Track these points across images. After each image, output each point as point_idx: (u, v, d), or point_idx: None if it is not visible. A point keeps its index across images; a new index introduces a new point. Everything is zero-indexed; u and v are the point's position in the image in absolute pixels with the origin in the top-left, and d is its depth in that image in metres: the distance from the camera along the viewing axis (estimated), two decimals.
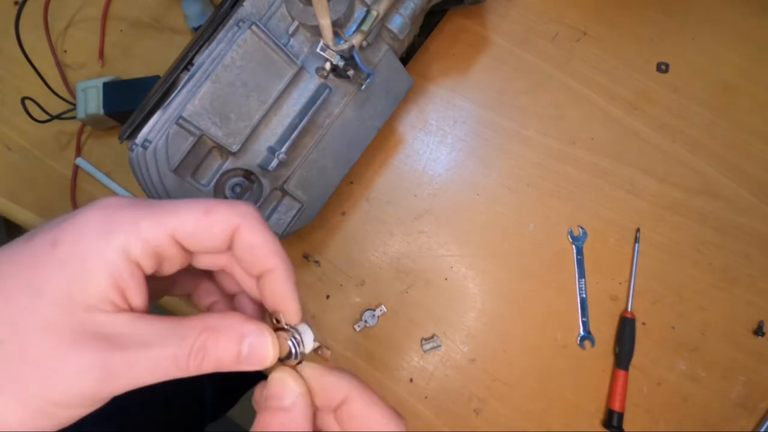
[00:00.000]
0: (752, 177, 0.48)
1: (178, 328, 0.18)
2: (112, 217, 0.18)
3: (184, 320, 0.19)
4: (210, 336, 0.18)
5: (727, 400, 0.45)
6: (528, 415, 0.44)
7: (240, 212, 0.19)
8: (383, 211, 0.47)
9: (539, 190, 0.48)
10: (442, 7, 0.48)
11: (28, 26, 0.44)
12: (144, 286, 0.19)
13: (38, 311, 0.16)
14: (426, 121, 0.49)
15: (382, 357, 0.45)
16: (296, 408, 0.19)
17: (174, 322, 0.18)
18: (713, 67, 0.50)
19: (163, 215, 0.18)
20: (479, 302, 0.46)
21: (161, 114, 0.34)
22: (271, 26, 0.36)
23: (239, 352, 0.18)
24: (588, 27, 0.51)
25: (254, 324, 0.19)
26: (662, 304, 0.46)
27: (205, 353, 0.18)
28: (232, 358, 0.18)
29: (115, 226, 0.18)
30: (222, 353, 0.18)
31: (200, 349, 0.18)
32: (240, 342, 0.18)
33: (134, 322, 0.18)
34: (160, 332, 0.18)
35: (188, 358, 0.18)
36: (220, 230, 0.19)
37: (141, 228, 0.18)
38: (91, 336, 0.17)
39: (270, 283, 0.20)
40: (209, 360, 0.18)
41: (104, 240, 0.17)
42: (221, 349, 0.18)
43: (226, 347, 0.18)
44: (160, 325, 0.18)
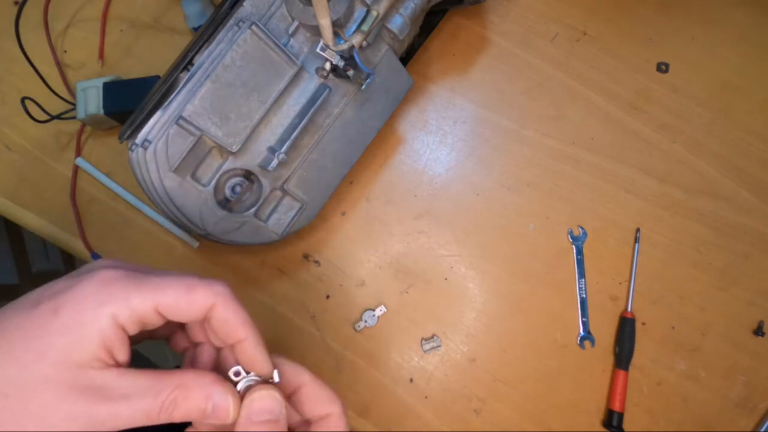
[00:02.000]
0: (752, 177, 0.48)
1: (156, 384, 0.21)
2: (107, 290, 0.21)
3: (161, 375, 0.22)
4: (181, 393, 0.22)
5: (727, 400, 0.45)
6: (528, 415, 0.44)
7: (216, 292, 0.23)
8: (383, 211, 0.47)
9: (539, 190, 0.48)
10: (442, 7, 0.48)
11: (28, 26, 0.44)
12: (128, 345, 0.22)
13: (41, 370, 0.20)
14: (426, 121, 0.49)
15: (382, 357, 0.45)
16: (283, 416, 0.24)
17: (152, 377, 0.22)
18: (713, 67, 0.50)
19: (150, 291, 0.22)
20: (479, 302, 0.46)
21: (161, 114, 0.34)
22: (271, 26, 0.36)
23: (205, 409, 0.22)
24: (588, 27, 0.51)
25: (220, 386, 0.23)
26: (662, 304, 0.46)
27: (175, 407, 0.21)
28: (198, 413, 0.22)
29: (109, 299, 0.21)
30: (190, 408, 0.22)
31: (171, 403, 0.21)
32: (207, 401, 0.22)
33: (119, 377, 0.21)
34: (140, 386, 0.21)
35: (160, 410, 0.21)
36: (198, 307, 0.23)
37: (131, 302, 0.21)
38: (82, 389, 0.20)
39: (243, 350, 0.24)
40: (178, 413, 0.22)
41: (99, 310, 0.21)
42: (190, 405, 0.22)
43: (194, 404, 0.22)
44: (140, 379, 0.21)
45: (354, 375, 0.45)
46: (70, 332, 0.20)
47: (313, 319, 0.46)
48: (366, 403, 0.44)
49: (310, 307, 0.46)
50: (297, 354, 0.45)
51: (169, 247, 0.46)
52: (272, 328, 0.45)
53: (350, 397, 0.44)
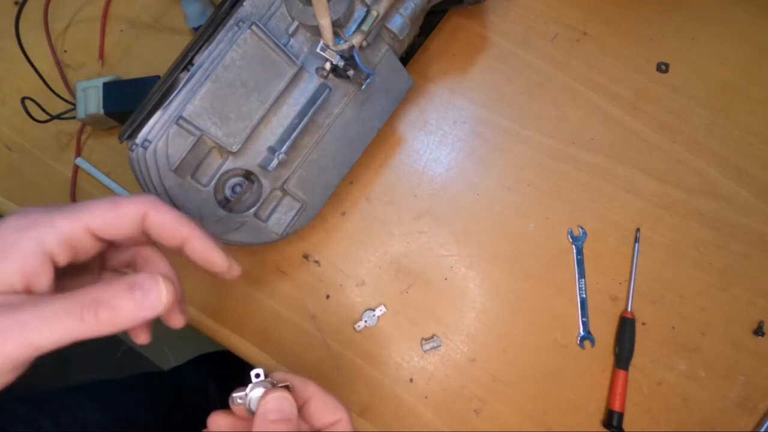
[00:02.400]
0: (752, 177, 0.48)
1: (69, 301, 0.20)
2: (29, 217, 0.21)
3: (77, 292, 0.21)
4: (102, 289, 0.20)
5: (727, 400, 0.45)
6: (528, 415, 0.44)
7: (144, 201, 0.23)
8: (383, 211, 0.47)
9: (539, 190, 0.48)
10: (442, 7, 0.48)
11: (28, 26, 0.44)
12: (51, 275, 0.21)
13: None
14: (426, 121, 0.49)
15: (382, 357, 0.45)
16: (294, 416, 0.25)
17: (68, 296, 0.20)
18: (713, 67, 0.50)
19: (76, 213, 0.21)
20: (479, 302, 0.46)
21: (161, 114, 0.34)
22: (271, 26, 0.36)
23: (133, 298, 0.20)
24: (588, 27, 0.51)
25: (145, 273, 0.21)
26: (662, 304, 0.46)
27: (98, 304, 0.20)
28: (127, 305, 0.20)
29: (33, 224, 0.20)
30: (116, 302, 0.20)
31: (93, 300, 0.20)
32: (132, 289, 0.20)
33: (30, 297, 0.20)
34: (54, 297, 0.20)
35: (81, 310, 0.19)
36: (129, 219, 0.22)
37: (57, 224, 0.20)
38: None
39: (191, 247, 0.24)
40: (104, 311, 0.20)
41: (21, 234, 0.20)
42: (114, 297, 0.20)
43: (119, 296, 0.20)
44: (53, 303, 0.20)
45: (354, 375, 0.45)
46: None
47: (313, 319, 0.46)
48: (366, 403, 0.44)
49: (310, 307, 0.46)
50: (297, 354, 0.45)
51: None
52: (272, 328, 0.45)
53: (350, 397, 0.44)
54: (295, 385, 0.27)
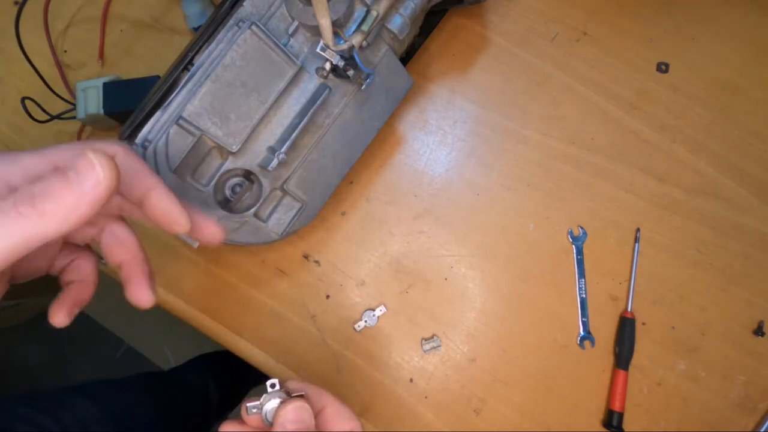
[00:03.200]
0: (752, 177, 0.48)
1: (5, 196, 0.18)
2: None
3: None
4: (33, 183, 0.18)
5: (727, 400, 0.45)
6: (528, 415, 0.44)
7: (112, 146, 0.22)
8: (383, 211, 0.47)
9: (539, 190, 0.48)
10: (442, 7, 0.48)
11: (28, 26, 0.44)
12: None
13: None
14: (426, 121, 0.49)
15: (382, 357, 0.45)
16: (312, 426, 0.25)
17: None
18: (713, 67, 0.50)
19: (43, 150, 0.20)
20: (479, 302, 0.46)
21: (161, 114, 0.34)
22: (271, 26, 0.36)
23: (68, 180, 0.18)
24: (588, 27, 0.51)
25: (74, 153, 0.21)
26: (662, 304, 0.46)
27: (32, 197, 0.18)
28: (65, 189, 0.18)
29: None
30: (51, 189, 0.18)
31: (26, 194, 0.18)
32: (64, 172, 0.18)
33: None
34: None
35: (16, 207, 0.18)
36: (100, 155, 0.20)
37: (20, 159, 0.20)
38: None
39: (155, 201, 0.22)
40: (41, 200, 0.18)
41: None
42: (48, 186, 0.18)
43: (52, 183, 0.18)
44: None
45: (354, 375, 0.45)
46: None
47: (313, 319, 0.46)
48: (366, 403, 0.44)
49: (310, 307, 0.46)
50: (297, 354, 0.45)
51: (169, 247, 0.46)
52: (272, 328, 0.45)
53: (350, 397, 0.44)
54: (309, 394, 0.28)
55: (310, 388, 0.28)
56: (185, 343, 1.23)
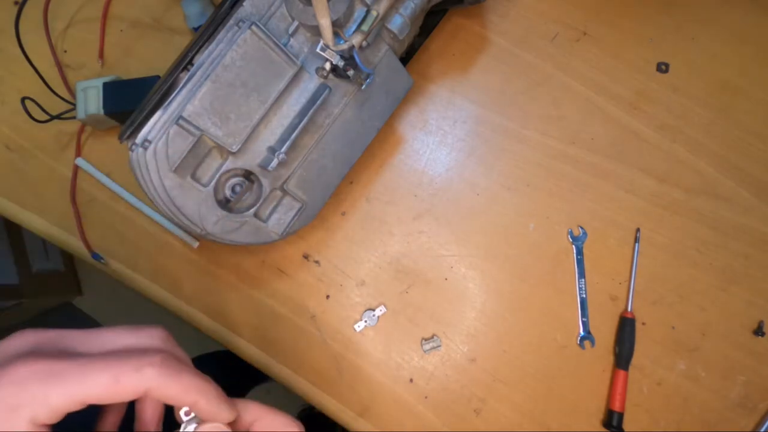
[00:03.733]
0: (752, 177, 0.48)
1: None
2: (22, 393, 0.20)
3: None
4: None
5: (727, 400, 0.45)
6: (528, 415, 0.44)
7: (148, 377, 0.21)
8: (383, 211, 0.47)
9: (539, 190, 0.48)
10: (442, 7, 0.48)
11: (28, 26, 0.44)
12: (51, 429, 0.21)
13: None
14: (426, 121, 0.49)
15: (382, 357, 0.45)
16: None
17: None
18: (713, 67, 0.50)
19: (72, 386, 0.20)
20: (479, 302, 0.46)
21: (161, 114, 0.34)
22: (271, 26, 0.36)
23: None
24: (588, 27, 0.51)
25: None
26: (662, 304, 0.46)
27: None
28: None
29: (25, 401, 0.20)
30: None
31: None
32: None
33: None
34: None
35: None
36: (128, 394, 0.21)
37: (50, 402, 0.20)
38: None
39: (198, 411, 0.23)
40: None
41: (15, 415, 0.20)
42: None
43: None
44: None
45: (354, 375, 0.45)
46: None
47: (313, 319, 0.46)
48: (366, 403, 0.44)
49: (310, 307, 0.46)
50: (297, 354, 0.45)
51: (169, 247, 0.46)
52: (272, 328, 0.45)
53: (350, 397, 0.44)
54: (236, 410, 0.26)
55: (237, 404, 0.26)
56: (185, 343, 1.23)
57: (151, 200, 0.36)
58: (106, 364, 0.21)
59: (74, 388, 0.20)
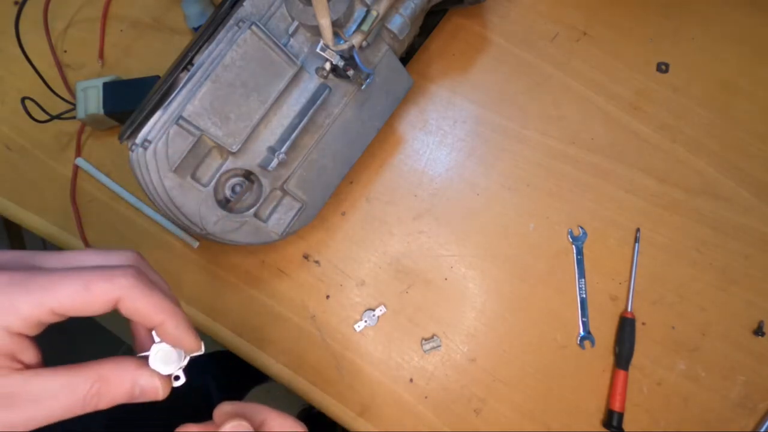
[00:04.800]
0: (752, 177, 0.48)
1: (71, 382, 0.21)
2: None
3: (77, 371, 0.21)
4: (102, 385, 0.22)
5: (727, 400, 0.45)
6: (528, 415, 0.44)
7: (119, 285, 0.21)
8: (383, 211, 0.47)
9: (539, 190, 0.48)
10: (442, 7, 0.48)
11: (28, 26, 0.44)
12: (32, 346, 0.22)
13: None
14: (426, 121, 0.49)
15: (382, 357, 0.45)
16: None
17: (66, 375, 0.21)
18: (713, 67, 0.50)
19: (40, 294, 0.20)
20: (479, 302, 0.46)
21: (161, 114, 0.34)
22: (271, 26, 0.36)
23: (132, 393, 0.22)
24: (588, 27, 0.51)
25: (144, 370, 0.23)
26: (662, 304, 0.46)
27: (99, 399, 0.22)
28: (126, 397, 0.22)
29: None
30: (116, 396, 0.22)
31: (94, 396, 0.21)
32: (132, 387, 0.22)
33: (27, 381, 0.21)
34: (53, 388, 0.21)
35: (83, 405, 0.21)
36: (99, 304, 0.21)
37: (20, 310, 0.20)
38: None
39: (164, 333, 0.23)
40: (104, 402, 0.22)
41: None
42: (114, 393, 0.22)
43: (119, 392, 0.22)
44: (52, 380, 0.21)
45: (354, 375, 0.45)
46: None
47: (313, 319, 0.46)
48: (366, 403, 0.44)
49: (310, 307, 0.46)
50: (297, 354, 0.45)
51: (169, 247, 0.46)
52: (272, 328, 0.45)
53: (350, 397, 0.44)
54: (246, 413, 0.27)
55: (247, 407, 0.27)
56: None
57: (151, 200, 0.36)
58: (77, 273, 0.21)
59: (43, 295, 0.20)
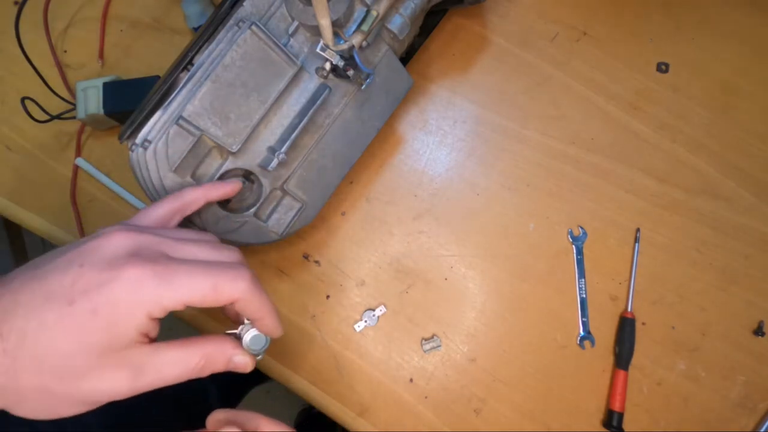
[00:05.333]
0: (752, 177, 0.48)
1: (184, 357, 0.25)
2: (141, 293, 0.23)
3: (188, 347, 0.26)
4: (208, 360, 0.26)
5: (727, 400, 0.45)
6: (528, 415, 0.44)
7: (240, 289, 0.25)
8: (383, 211, 0.47)
9: (539, 190, 0.48)
10: (442, 7, 0.48)
11: (28, 26, 0.44)
12: (158, 326, 0.26)
13: (86, 361, 0.23)
14: (426, 121, 0.49)
15: (382, 357, 0.45)
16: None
17: (181, 350, 0.26)
18: (713, 67, 0.50)
19: (180, 291, 0.24)
20: (479, 302, 0.46)
21: (161, 114, 0.34)
22: (271, 26, 0.36)
23: (227, 366, 0.27)
24: (588, 27, 0.51)
25: (238, 350, 0.27)
26: (662, 304, 0.46)
27: (203, 370, 0.26)
28: (223, 369, 0.27)
29: (143, 301, 0.23)
30: (216, 369, 0.27)
31: (200, 369, 0.26)
32: (228, 362, 0.27)
33: (152, 354, 0.25)
34: (171, 360, 0.25)
35: (191, 374, 0.26)
36: (222, 302, 0.25)
37: (162, 303, 0.24)
38: (123, 366, 0.24)
39: (261, 326, 0.28)
40: (207, 371, 0.26)
41: (135, 311, 0.23)
42: (215, 367, 0.27)
43: (218, 366, 0.27)
44: (170, 353, 0.25)
45: (354, 375, 0.45)
46: (111, 330, 0.23)
47: (313, 319, 0.46)
48: (366, 403, 0.44)
49: (310, 307, 0.46)
50: (297, 354, 0.45)
51: None
52: None
53: (350, 397, 0.44)
54: (240, 420, 0.29)
55: (240, 415, 0.30)
56: None
57: (151, 200, 0.36)
58: (208, 272, 0.25)
59: (182, 291, 0.24)
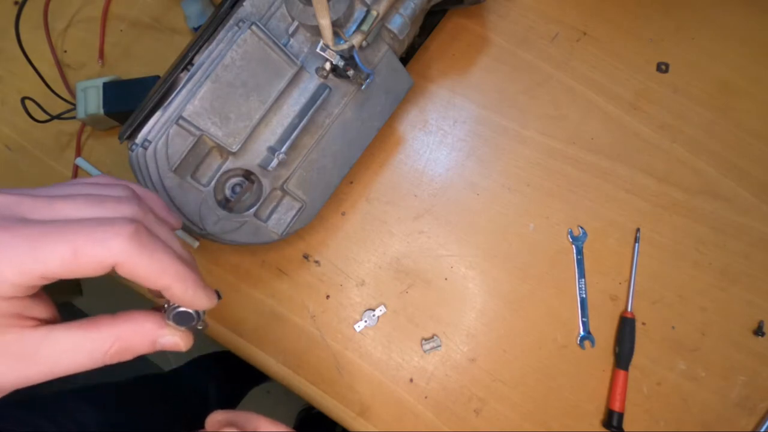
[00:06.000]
0: (752, 177, 0.48)
1: (89, 340, 0.20)
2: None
3: (96, 328, 0.20)
4: (122, 344, 0.21)
5: (727, 400, 0.45)
6: (528, 415, 0.44)
7: (113, 251, 0.19)
8: (383, 211, 0.47)
9: (539, 190, 0.48)
10: (442, 7, 0.48)
11: (28, 26, 0.44)
12: (38, 302, 0.20)
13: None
14: (426, 121, 0.49)
15: (382, 357, 0.45)
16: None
17: (84, 332, 0.20)
18: (713, 67, 0.50)
19: (25, 260, 0.18)
20: (479, 302, 0.46)
21: (161, 114, 0.34)
22: (271, 26, 0.36)
23: (154, 348, 0.22)
24: (588, 27, 0.51)
25: (164, 330, 0.22)
26: (662, 304, 0.46)
27: (121, 355, 0.21)
28: (148, 351, 0.22)
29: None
30: (137, 351, 0.21)
31: (114, 354, 0.21)
32: (152, 344, 0.22)
33: (44, 337, 0.19)
34: (71, 346, 0.20)
35: (104, 360, 0.20)
36: (92, 270, 0.19)
37: (6, 277, 0.18)
38: (2, 353, 0.19)
39: (172, 297, 0.21)
40: (126, 356, 0.21)
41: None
42: (135, 349, 0.21)
43: (140, 348, 0.21)
44: (71, 337, 0.20)
45: (354, 375, 0.45)
46: None
47: (313, 319, 0.46)
48: (366, 403, 0.44)
49: (310, 307, 0.46)
50: (297, 354, 0.45)
51: None
52: (272, 328, 0.45)
53: (350, 397, 0.44)
54: (239, 421, 0.29)
55: (239, 415, 0.29)
56: None
57: None
58: (64, 234, 0.19)
59: (28, 263, 0.18)
